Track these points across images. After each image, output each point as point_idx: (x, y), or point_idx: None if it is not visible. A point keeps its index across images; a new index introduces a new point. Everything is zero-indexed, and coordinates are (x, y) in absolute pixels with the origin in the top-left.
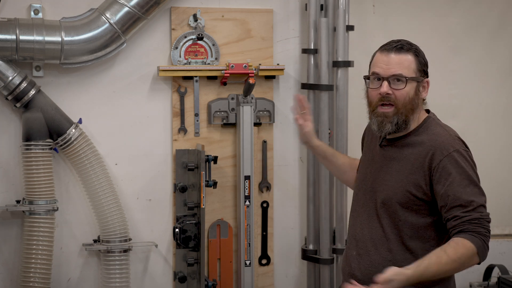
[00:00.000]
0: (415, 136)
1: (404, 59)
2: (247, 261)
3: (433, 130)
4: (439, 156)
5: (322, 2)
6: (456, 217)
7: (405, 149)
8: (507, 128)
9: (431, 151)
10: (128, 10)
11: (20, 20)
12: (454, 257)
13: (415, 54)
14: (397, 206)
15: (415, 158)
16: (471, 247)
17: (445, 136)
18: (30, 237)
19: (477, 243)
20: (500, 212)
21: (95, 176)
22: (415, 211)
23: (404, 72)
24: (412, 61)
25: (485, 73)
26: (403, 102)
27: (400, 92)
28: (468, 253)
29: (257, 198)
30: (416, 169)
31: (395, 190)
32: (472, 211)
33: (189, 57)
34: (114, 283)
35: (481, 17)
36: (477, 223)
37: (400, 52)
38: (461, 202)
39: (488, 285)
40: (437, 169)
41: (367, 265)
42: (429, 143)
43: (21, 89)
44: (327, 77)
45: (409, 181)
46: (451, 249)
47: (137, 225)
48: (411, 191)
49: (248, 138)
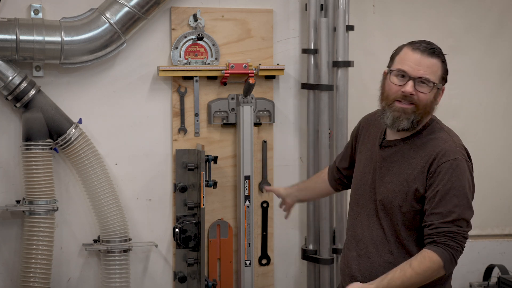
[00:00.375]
0: (418, 139)
1: (434, 64)
2: (247, 261)
3: (437, 134)
4: (437, 162)
5: (322, 2)
6: (432, 226)
7: (406, 152)
8: (507, 128)
9: (432, 156)
10: (128, 10)
11: (20, 20)
12: (419, 270)
13: (442, 60)
14: (397, 210)
15: (417, 162)
16: (437, 261)
17: (449, 143)
18: (30, 237)
19: (445, 257)
20: (500, 212)
21: (95, 176)
22: (413, 215)
23: (431, 77)
24: (439, 67)
25: (485, 73)
26: (424, 104)
27: (424, 95)
28: (434, 267)
29: (257, 198)
30: (417, 174)
31: (395, 193)
32: (450, 223)
33: (189, 57)
34: (114, 283)
35: (481, 17)
36: (451, 237)
37: (432, 55)
38: (442, 210)
39: (488, 285)
40: (433, 174)
41: (368, 267)
42: (431, 148)
43: (21, 89)
44: (327, 77)
45: (409, 185)
46: (416, 263)
47: (137, 225)
48: (411, 195)
49: (248, 138)
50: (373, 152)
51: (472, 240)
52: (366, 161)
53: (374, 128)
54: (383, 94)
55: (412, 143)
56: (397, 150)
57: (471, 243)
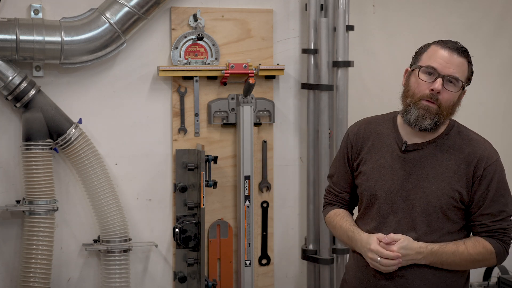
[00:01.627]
0: (447, 140)
1: (463, 63)
2: (247, 261)
3: (469, 135)
4: (484, 165)
5: (322, 2)
6: (483, 225)
7: (439, 154)
8: (507, 128)
9: (475, 159)
10: (128, 10)
11: (20, 20)
12: (471, 251)
13: (469, 61)
14: (439, 213)
15: (457, 164)
16: (490, 250)
17: (485, 144)
18: (30, 237)
19: (497, 248)
20: None
21: (95, 176)
22: (453, 217)
23: (460, 76)
24: (467, 68)
25: (485, 73)
26: (448, 104)
27: (450, 95)
28: (486, 254)
29: (257, 198)
30: (460, 176)
31: (438, 196)
32: (501, 221)
33: (189, 57)
34: (114, 283)
35: (481, 17)
36: (502, 232)
37: (462, 55)
38: (492, 211)
39: (488, 285)
40: (480, 177)
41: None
42: (470, 150)
43: (21, 89)
44: (327, 77)
45: (452, 187)
46: (470, 244)
47: (137, 225)
48: (455, 197)
49: (248, 138)
50: (393, 157)
51: None
52: (383, 169)
53: (382, 135)
54: (408, 91)
55: (442, 145)
56: (427, 153)
57: None
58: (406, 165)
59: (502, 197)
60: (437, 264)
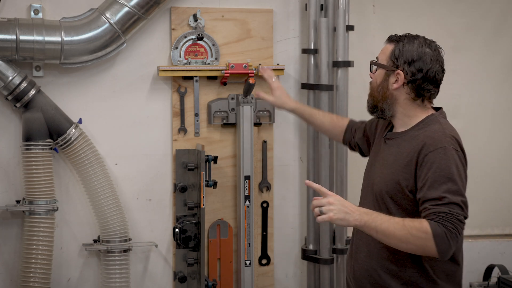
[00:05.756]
0: (414, 131)
1: (385, 48)
2: (247, 261)
3: (431, 126)
4: (425, 151)
5: (322, 2)
6: (425, 209)
7: (402, 144)
8: (508, 128)
9: (420, 146)
10: (128, 10)
11: (20, 20)
12: (407, 224)
13: (396, 42)
14: (389, 199)
15: (408, 152)
16: (426, 228)
17: (439, 133)
18: (30, 237)
19: (435, 230)
20: (500, 212)
21: (95, 176)
22: (405, 205)
23: (380, 58)
24: (389, 49)
25: (485, 73)
26: (373, 86)
27: (373, 77)
28: (421, 231)
29: (257, 198)
30: (407, 163)
31: (387, 182)
32: (441, 205)
33: (189, 57)
34: (114, 283)
35: (481, 17)
36: (442, 217)
37: (387, 41)
38: (433, 196)
39: (488, 285)
40: (421, 163)
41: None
42: (421, 138)
43: (21, 89)
44: (327, 77)
45: (400, 174)
46: (408, 220)
47: (137, 225)
48: (401, 183)
49: (248, 138)
50: (380, 146)
51: (472, 240)
52: (374, 154)
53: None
54: None
55: (408, 135)
56: (396, 142)
57: (471, 243)
58: (382, 153)
59: (444, 184)
60: (371, 229)
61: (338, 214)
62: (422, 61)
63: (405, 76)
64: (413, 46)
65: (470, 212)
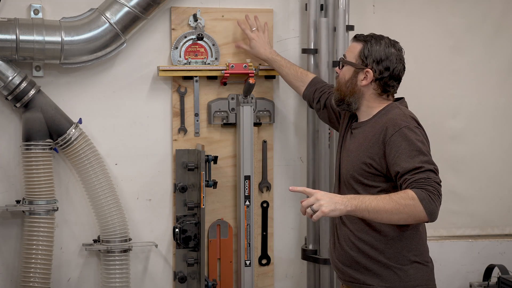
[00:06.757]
0: (376, 118)
1: (353, 46)
2: (247, 261)
3: (391, 112)
4: (391, 131)
5: (322, 2)
6: (405, 180)
7: (366, 130)
8: (507, 128)
9: (384, 127)
10: (128, 10)
11: (20, 20)
12: (393, 196)
13: (364, 42)
14: (352, 181)
15: (373, 135)
16: (412, 195)
17: (399, 115)
18: (30, 237)
19: (420, 194)
20: (500, 212)
21: (95, 176)
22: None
23: (347, 56)
24: (357, 48)
25: (485, 73)
26: (339, 82)
27: (340, 73)
28: (408, 199)
29: (257, 198)
30: (372, 144)
31: (353, 164)
32: (420, 173)
33: (189, 57)
34: (114, 283)
35: (481, 17)
36: (423, 182)
37: (354, 40)
38: (410, 169)
39: (488, 285)
40: (388, 143)
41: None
42: (384, 121)
43: (21, 89)
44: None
45: (365, 154)
46: (393, 193)
47: (137, 225)
48: (366, 162)
49: (248, 138)
50: (346, 137)
51: (472, 240)
52: (340, 147)
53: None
54: None
55: (371, 122)
56: (361, 130)
57: (471, 243)
58: (347, 143)
59: (416, 157)
60: (363, 210)
61: (329, 207)
62: (389, 60)
63: (374, 74)
64: (381, 46)
65: (470, 212)
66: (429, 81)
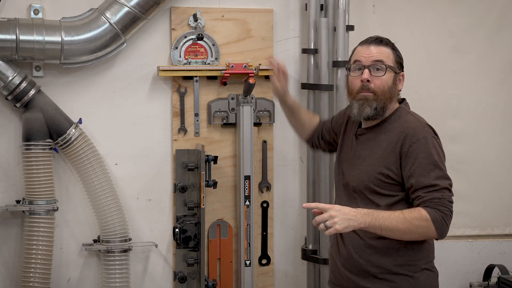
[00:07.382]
0: (388, 124)
1: (383, 50)
2: (247, 261)
3: (405, 118)
4: (408, 142)
5: (322, 2)
6: (419, 197)
7: (377, 136)
8: (507, 128)
9: (402, 136)
10: (128, 10)
11: (20, 20)
12: (407, 215)
13: (392, 48)
14: (371, 189)
15: (387, 143)
16: (425, 216)
17: (416, 123)
18: (30, 237)
19: (433, 216)
20: (500, 212)
21: (95, 176)
22: (386, 192)
23: (384, 60)
24: (390, 53)
25: (485, 73)
26: (382, 89)
27: (380, 80)
28: (421, 220)
29: (257, 198)
30: (388, 154)
31: (368, 174)
32: (434, 192)
33: (189, 57)
34: (114, 283)
35: (481, 17)
36: (437, 202)
37: (379, 44)
38: (425, 185)
39: (488, 285)
40: (406, 154)
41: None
42: (400, 130)
43: (21, 89)
44: (327, 77)
45: (381, 164)
46: (407, 211)
47: (137, 225)
48: (383, 172)
49: (248, 138)
50: (351, 144)
51: (472, 240)
52: (347, 148)
53: (351, 122)
54: (348, 91)
55: (383, 128)
56: (370, 136)
57: (471, 243)
58: (355, 147)
59: (433, 172)
60: (376, 228)
61: (342, 224)
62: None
63: None
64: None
65: (470, 212)
66: (429, 81)
